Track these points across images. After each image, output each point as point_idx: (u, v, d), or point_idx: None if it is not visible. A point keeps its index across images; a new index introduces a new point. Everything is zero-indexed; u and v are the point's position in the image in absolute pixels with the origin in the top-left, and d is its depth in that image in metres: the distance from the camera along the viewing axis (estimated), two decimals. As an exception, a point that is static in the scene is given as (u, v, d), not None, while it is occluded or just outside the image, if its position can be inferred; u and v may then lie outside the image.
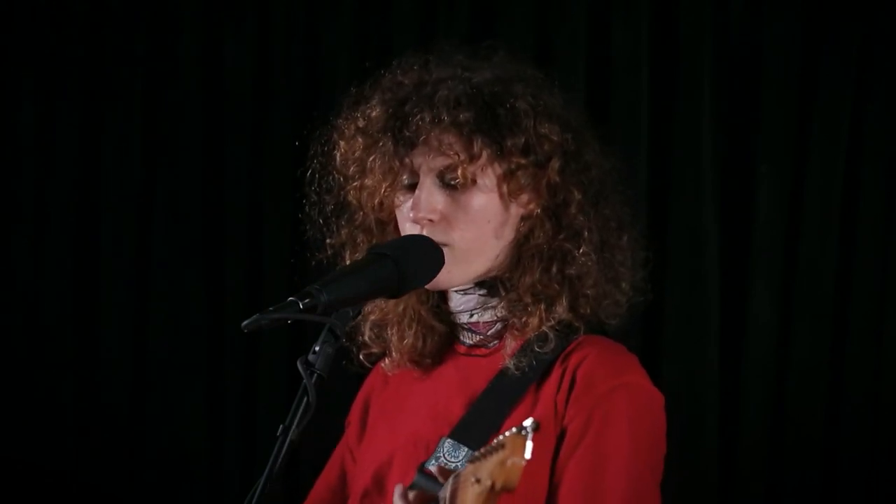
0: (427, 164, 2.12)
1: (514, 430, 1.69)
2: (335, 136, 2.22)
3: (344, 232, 2.24)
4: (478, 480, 1.71)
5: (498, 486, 1.68)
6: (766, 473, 3.47)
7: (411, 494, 1.94)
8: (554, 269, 2.13)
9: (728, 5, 3.52)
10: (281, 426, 1.86)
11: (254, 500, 1.85)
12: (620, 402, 2.06)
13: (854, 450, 3.40)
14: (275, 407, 3.81)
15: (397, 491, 1.93)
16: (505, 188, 2.12)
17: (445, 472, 1.89)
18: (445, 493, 1.80)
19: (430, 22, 3.75)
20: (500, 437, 1.72)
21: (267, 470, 1.84)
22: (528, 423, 1.69)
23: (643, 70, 3.57)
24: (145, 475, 3.93)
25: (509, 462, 1.67)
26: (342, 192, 2.23)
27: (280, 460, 1.84)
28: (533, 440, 2.05)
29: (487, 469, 1.70)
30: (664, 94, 3.56)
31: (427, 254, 2.09)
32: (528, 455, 1.67)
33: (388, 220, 2.21)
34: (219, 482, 3.91)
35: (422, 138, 2.11)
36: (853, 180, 3.42)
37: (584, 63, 3.60)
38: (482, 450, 1.74)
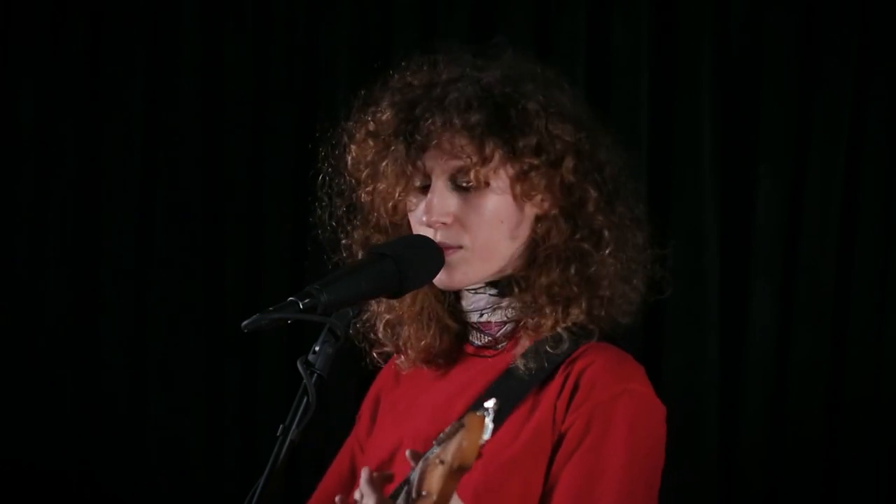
0: (439, 166, 2.11)
1: (475, 410, 1.71)
2: (346, 139, 2.22)
3: (358, 233, 2.23)
4: (442, 462, 1.72)
5: (455, 466, 1.70)
6: (766, 473, 3.47)
7: (375, 476, 1.94)
8: (572, 270, 2.12)
9: (728, 5, 3.52)
10: (281, 426, 1.85)
11: (254, 500, 1.85)
12: (621, 409, 2.05)
13: (854, 450, 3.40)
14: (275, 407, 3.81)
15: (364, 474, 1.92)
16: (518, 189, 2.11)
17: (416, 455, 1.90)
18: (415, 475, 1.81)
19: (430, 22, 3.75)
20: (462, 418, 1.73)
21: (267, 470, 1.84)
22: (489, 403, 1.70)
23: (643, 70, 3.57)
24: (145, 475, 3.93)
25: (465, 442, 1.69)
26: (354, 195, 2.22)
27: (280, 460, 1.84)
28: (529, 442, 2.05)
29: (450, 450, 1.71)
30: (664, 94, 3.56)
31: (428, 253, 2.08)
32: (486, 435, 1.68)
33: (402, 223, 2.20)
34: (219, 482, 3.91)
35: (433, 142, 2.10)
36: (853, 180, 3.42)
37: (584, 63, 3.61)
38: (446, 431, 1.76)
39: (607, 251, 2.13)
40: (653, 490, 2.09)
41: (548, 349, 2.10)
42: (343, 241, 2.24)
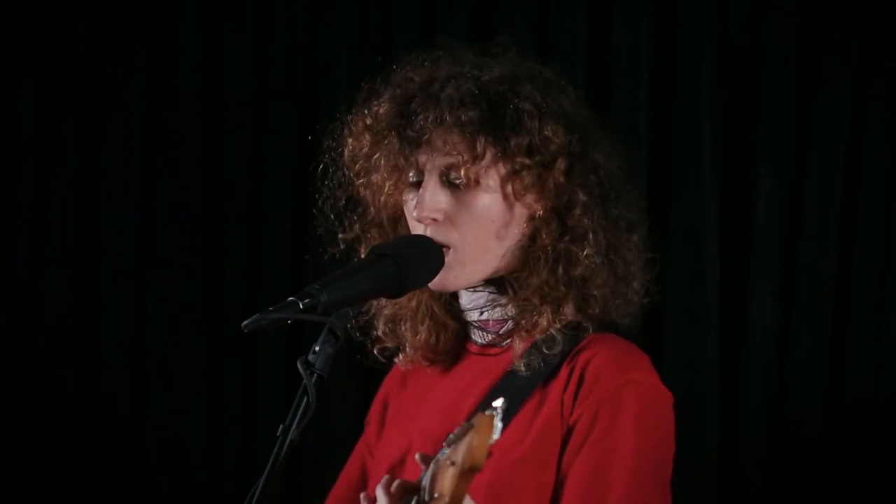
0: (431, 162, 2.12)
1: (483, 410, 1.72)
2: (345, 131, 2.22)
3: (357, 227, 2.24)
4: (453, 463, 1.73)
5: (465, 466, 1.71)
6: (766, 473, 3.47)
7: (394, 484, 1.94)
8: (560, 271, 2.12)
9: (728, 5, 3.52)
10: (281, 426, 1.86)
11: (254, 500, 1.85)
12: (627, 399, 2.06)
13: (854, 450, 3.40)
14: (275, 407, 3.81)
15: (381, 482, 1.93)
16: (509, 188, 2.11)
17: (427, 458, 1.90)
18: (426, 479, 1.82)
19: (430, 22, 3.75)
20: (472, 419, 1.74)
21: (267, 470, 1.84)
22: (497, 402, 1.71)
23: (643, 70, 3.57)
24: (145, 475, 3.93)
25: (475, 442, 1.70)
26: (351, 188, 2.23)
27: (280, 460, 1.84)
28: (538, 438, 2.06)
29: (461, 451, 1.72)
30: (664, 94, 3.56)
31: (427, 254, 2.09)
32: (495, 435, 1.69)
33: (400, 217, 2.21)
34: (219, 482, 3.91)
35: (425, 137, 2.11)
36: (853, 180, 3.42)
37: (584, 63, 3.60)
38: (456, 432, 1.77)
39: (595, 252, 2.13)
40: (664, 478, 2.09)
41: (544, 349, 2.11)
42: (340, 235, 2.24)
